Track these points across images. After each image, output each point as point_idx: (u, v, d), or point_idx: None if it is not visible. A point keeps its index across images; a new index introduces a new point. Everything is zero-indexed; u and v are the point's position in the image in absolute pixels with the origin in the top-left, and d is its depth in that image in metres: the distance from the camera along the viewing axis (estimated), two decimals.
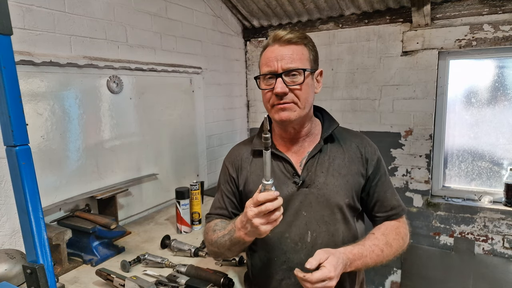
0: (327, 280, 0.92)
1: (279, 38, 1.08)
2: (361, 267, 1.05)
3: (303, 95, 1.08)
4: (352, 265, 1.01)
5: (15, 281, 1.24)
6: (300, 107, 1.09)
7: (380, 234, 1.12)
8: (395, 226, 1.16)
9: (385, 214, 1.18)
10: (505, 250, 2.39)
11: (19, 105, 0.76)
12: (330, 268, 0.93)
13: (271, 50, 1.09)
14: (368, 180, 1.17)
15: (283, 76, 1.06)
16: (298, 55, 1.07)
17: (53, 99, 1.62)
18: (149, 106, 2.15)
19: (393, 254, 1.11)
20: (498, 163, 2.47)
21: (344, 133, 1.23)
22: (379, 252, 1.07)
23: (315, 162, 1.14)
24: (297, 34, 1.09)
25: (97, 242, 1.57)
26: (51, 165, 1.63)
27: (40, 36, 1.57)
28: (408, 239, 1.17)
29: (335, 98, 2.82)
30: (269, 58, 1.08)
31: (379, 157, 1.20)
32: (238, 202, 1.25)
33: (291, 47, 1.07)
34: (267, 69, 1.09)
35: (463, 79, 2.50)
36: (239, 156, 1.25)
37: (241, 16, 2.95)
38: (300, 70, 1.07)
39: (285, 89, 1.06)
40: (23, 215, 0.78)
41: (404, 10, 2.46)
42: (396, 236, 1.13)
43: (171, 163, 2.35)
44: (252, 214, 0.92)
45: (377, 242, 1.09)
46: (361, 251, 1.04)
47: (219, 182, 1.31)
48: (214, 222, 1.21)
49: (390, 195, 1.19)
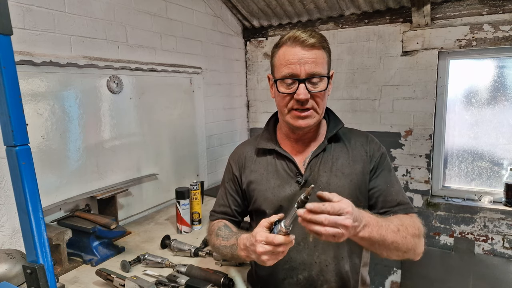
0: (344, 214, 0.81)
1: (301, 40, 1.03)
2: (377, 237, 0.92)
3: (322, 102, 1.08)
4: (367, 228, 0.89)
5: (15, 281, 1.24)
6: (319, 113, 1.09)
7: (394, 217, 1.04)
8: (408, 216, 1.08)
9: (391, 209, 1.10)
10: (505, 250, 2.39)
11: (19, 105, 0.76)
12: (347, 202, 0.84)
13: (292, 52, 1.05)
14: (370, 173, 1.14)
15: (306, 82, 1.04)
16: (320, 60, 1.05)
17: (53, 99, 1.62)
18: (149, 106, 2.15)
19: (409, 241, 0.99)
20: (498, 163, 2.47)
21: (349, 133, 1.22)
22: (395, 229, 0.96)
23: (319, 162, 1.14)
24: (318, 37, 1.05)
25: (97, 242, 1.57)
26: (51, 165, 1.63)
27: (40, 36, 1.57)
28: (423, 233, 1.05)
29: (335, 98, 2.81)
30: (291, 61, 1.04)
31: (383, 153, 1.17)
32: (241, 200, 1.26)
33: (314, 51, 1.04)
34: (288, 72, 1.05)
35: (463, 79, 2.50)
36: (243, 154, 1.26)
37: (241, 16, 2.95)
38: (323, 77, 1.05)
39: (307, 96, 1.04)
40: (23, 215, 0.78)
41: (404, 10, 2.46)
42: (412, 223, 1.04)
43: (171, 163, 2.35)
44: (263, 251, 0.90)
45: (392, 220, 1.00)
46: (377, 219, 0.94)
47: (223, 179, 1.32)
48: (217, 225, 1.22)
49: (395, 190, 1.13)
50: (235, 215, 1.27)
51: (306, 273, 1.11)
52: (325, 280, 1.11)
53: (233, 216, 1.27)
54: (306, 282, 1.12)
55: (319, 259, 1.11)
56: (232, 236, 1.10)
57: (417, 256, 1.05)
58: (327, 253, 1.11)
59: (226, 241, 1.10)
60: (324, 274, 1.11)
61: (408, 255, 1.02)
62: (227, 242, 1.09)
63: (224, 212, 1.27)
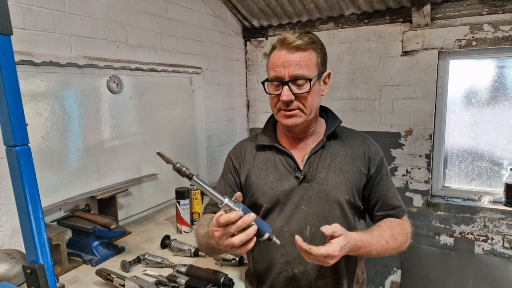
0: (329, 258, 0.92)
1: (287, 43, 1.06)
2: (363, 255, 1.05)
3: (308, 102, 1.10)
4: (357, 251, 1.01)
5: (15, 281, 1.24)
6: (306, 113, 1.11)
7: (386, 227, 1.12)
8: (400, 222, 1.17)
9: (385, 213, 1.18)
10: (505, 250, 2.39)
11: (19, 105, 0.76)
12: (337, 247, 0.92)
13: (278, 55, 1.08)
14: (371, 179, 1.18)
15: (290, 84, 1.07)
16: (305, 62, 1.07)
17: (53, 99, 1.62)
18: (149, 106, 2.15)
19: (396, 249, 1.10)
20: (498, 163, 2.47)
21: (347, 132, 1.25)
22: (384, 244, 1.07)
23: (317, 158, 1.16)
24: (306, 39, 1.07)
25: (97, 242, 1.57)
26: (51, 165, 1.63)
27: (40, 36, 1.57)
28: (410, 238, 1.16)
29: (335, 98, 2.81)
30: (276, 64, 1.08)
31: (382, 157, 1.21)
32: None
33: (299, 53, 1.07)
34: (274, 75, 1.09)
35: (463, 79, 2.50)
36: (243, 149, 1.28)
37: (241, 16, 2.95)
38: (307, 79, 1.07)
39: (291, 97, 1.07)
40: (23, 215, 0.78)
41: (404, 10, 2.46)
42: (401, 231, 1.14)
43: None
44: (218, 235, 0.89)
45: (383, 234, 1.09)
46: (369, 240, 1.04)
47: (222, 174, 1.32)
48: (206, 216, 1.21)
49: (391, 195, 1.19)
50: None
51: (302, 267, 1.13)
52: (320, 274, 1.13)
53: None
54: (302, 276, 1.13)
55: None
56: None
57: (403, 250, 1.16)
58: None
59: (204, 229, 1.08)
60: (320, 269, 1.13)
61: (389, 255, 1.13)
62: (204, 230, 1.08)
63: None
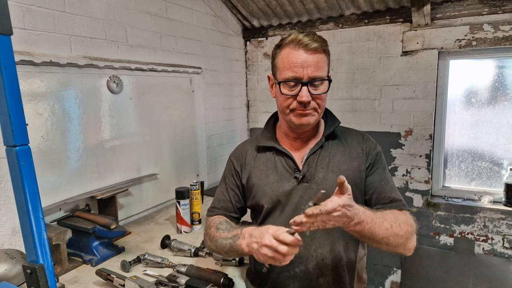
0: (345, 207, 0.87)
1: (304, 44, 1.07)
2: (367, 233, 0.97)
3: (323, 103, 1.13)
4: (361, 224, 0.94)
5: (15, 281, 1.24)
6: (319, 113, 1.14)
7: (389, 213, 1.07)
8: (402, 213, 1.12)
9: (384, 205, 1.14)
10: (505, 250, 2.39)
11: (19, 105, 0.76)
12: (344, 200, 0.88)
13: (295, 55, 1.08)
14: (366, 170, 1.18)
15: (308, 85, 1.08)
16: (322, 64, 1.09)
17: (53, 99, 1.62)
18: (149, 106, 2.15)
19: (402, 236, 1.03)
20: (498, 163, 2.47)
21: (346, 132, 1.26)
22: (388, 226, 1.00)
23: (316, 158, 1.17)
24: (321, 41, 1.09)
25: (97, 242, 1.57)
26: (51, 165, 1.63)
27: (40, 36, 1.57)
28: (415, 229, 1.09)
29: (335, 98, 2.81)
30: (295, 64, 1.07)
31: (378, 152, 1.21)
32: (241, 195, 1.28)
33: (316, 55, 1.08)
34: (291, 75, 1.08)
35: (463, 79, 2.49)
36: (244, 151, 1.29)
37: (241, 16, 2.95)
38: (325, 81, 1.10)
39: (310, 98, 1.08)
40: (23, 215, 0.78)
41: (404, 10, 2.46)
42: (406, 220, 1.08)
43: (171, 163, 2.35)
44: (267, 243, 0.91)
45: (386, 217, 1.03)
46: (372, 216, 0.98)
47: (223, 176, 1.33)
48: (218, 219, 1.22)
49: (388, 188, 1.16)
50: (235, 211, 1.28)
51: (303, 266, 1.13)
52: (321, 273, 1.13)
53: (233, 212, 1.28)
54: (303, 275, 1.13)
55: (316, 252, 1.13)
56: (235, 228, 1.11)
57: (407, 251, 1.09)
58: (323, 247, 1.13)
59: (228, 233, 1.11)
60: (321, 267, 1.13)
61: (399, 250, 1.07)
62: (229, 234, 1.10)
63: (224, 207, 1.27)
